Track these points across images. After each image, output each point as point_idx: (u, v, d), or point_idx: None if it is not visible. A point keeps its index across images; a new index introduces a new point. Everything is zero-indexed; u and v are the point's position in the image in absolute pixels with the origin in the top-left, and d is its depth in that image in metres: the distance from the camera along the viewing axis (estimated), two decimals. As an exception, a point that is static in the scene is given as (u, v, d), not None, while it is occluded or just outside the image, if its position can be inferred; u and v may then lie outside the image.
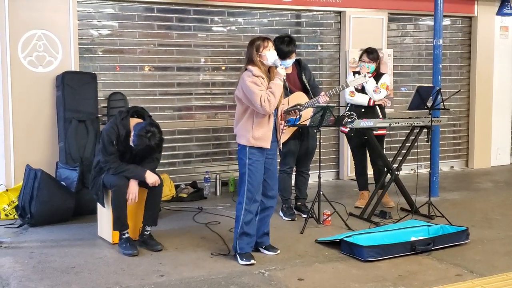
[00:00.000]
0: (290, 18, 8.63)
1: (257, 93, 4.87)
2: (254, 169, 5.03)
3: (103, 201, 5.57)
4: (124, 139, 5.40)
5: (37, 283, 4.56)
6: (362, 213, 6.56)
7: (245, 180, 5.05)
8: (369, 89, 6.85)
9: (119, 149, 5.42)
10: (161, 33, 7.79)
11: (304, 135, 6.54)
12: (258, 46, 5.04)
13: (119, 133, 5.40)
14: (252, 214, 5.09)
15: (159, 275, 4.74)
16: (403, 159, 6.80)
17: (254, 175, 5.04)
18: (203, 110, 8.15)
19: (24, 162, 6.61)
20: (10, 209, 6.46)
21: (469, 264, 5.05)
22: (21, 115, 6.80)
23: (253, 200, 5.05)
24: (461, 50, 10.05)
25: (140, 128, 5.27)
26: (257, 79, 4.93)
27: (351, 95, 6.89)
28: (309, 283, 4.60)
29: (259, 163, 5.05)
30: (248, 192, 5.04)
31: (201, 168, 8.13)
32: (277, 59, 5.01)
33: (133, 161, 5.49)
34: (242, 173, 5.10)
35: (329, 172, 8.99)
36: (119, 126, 5.42)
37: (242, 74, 5.05)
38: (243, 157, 5.06)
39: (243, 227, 5.05)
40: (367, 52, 6.88)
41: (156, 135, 5.29)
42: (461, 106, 10.12)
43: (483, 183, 8.84)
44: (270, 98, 4.88)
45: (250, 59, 5.06)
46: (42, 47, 6.89)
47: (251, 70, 4.97)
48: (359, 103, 6.91)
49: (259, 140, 4.99)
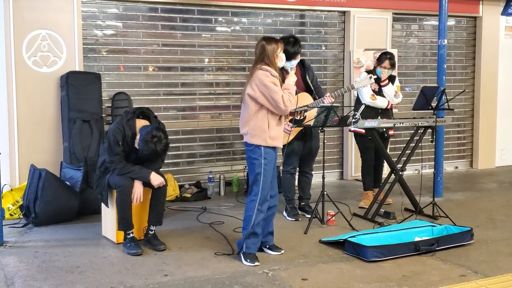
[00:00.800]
0: (294, 18, 8.63)
1: (279, 93, 4.92)
2: (269, 168, 5.06)
3: (107, 201, 5.58)
4: (130, 140, 5.41)
5: (41, 282, 4.57)
6: (366, 214, 6.56)
7: (260, 180, 5.02)
8: (390, 94, 6.95)
9: (124, 149, 5.43)
10: (165, 33, 7.80)
11: (307, 135, 6.53)
12: (275, 47, 5.06)
13: (125, 133, 5.40)
14: (263, 213, 5.09)
15: (163, 275, 4.75)
16: (407, 159, 6.80)
17: (269, 175, 5.06)
18: (207, 110, 8.15)
19: (28, 161, 6.62)
20: (15, 209, 6.47)
21: (473, 265, 5.04)
22: (25, 115, 6.82)
23: (266, 199, 5.07)
24: (466, 50, 10.03)
25: (146, 133, 5.26)
26: (276, 80, 4.97)
27: (373, 98, 6.91)
28: (313, 283, 4.60)
29: (272, 162, 5.09)
30: (263, 191, 5.03)
31: (205, 168, 8.14)
32: (287, 62, 5.08)
33: (138, 161, 5.50)
34: (257, 173, 5.04)
35: (333, 172, 8.98)
36: (125, 127, 5.42)
37: (256, 72, 5.00)
38: (258, 157, 5.01)
39: (254, 227, 5.04)
40: (389, 59, 6.91)
41: (162, 141, 5.28)
42: (465, 106, 10.11)
43: (488, 184, 8.82)
44: (291, 98, 4.99)
45: (264, 58, 5.04)
46: (47, 47, 6.91)
47: (269, 70, 4.96)
48: (379, 106, 6.97)
49: (275, 139, 5.03)
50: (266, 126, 4.98)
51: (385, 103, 6.98)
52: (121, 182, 5.34)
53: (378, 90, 6.95)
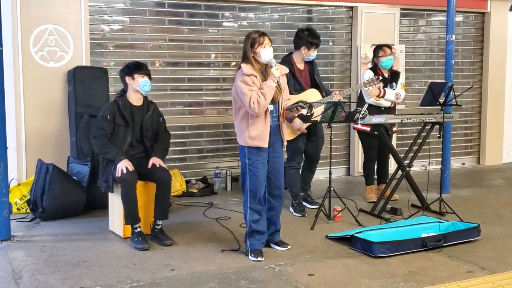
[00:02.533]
0: (301, 13, 8.60)
1: (246, 94, 4.75)
2: (255, 168, 4.96)
3: (113, 189, 5.62)
4: (123, 109, 5.53)
5: (48, 276, 4.59)
6: (373, 209, 6.54)
7: (246, 180, 5.01)
8: (391, 97, 6.99)
9: (124, 119, 5.51)
10: (172, 29, 7.80)
11: (312, 133, 6.52)
12: (253, 42, 4.90)
13: (115, 106, 5.52)
14: (259, 212, 5.04)
15: (170, 270, 4.76)
16: (414, 155, 6.78)
17: (255, 175, 4.96)
18: (214, 106, 8.15)
19: (35, 156, 6.65)
20: (22, 203, 6.50)
21: (480, 261, 5.03)
22: (32, 110, 6.84)
23: (257, 198, 4.99)
24: (474, 46, 9.99)
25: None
26: (248, 78, 4.82)
27: (376, 99, 6.93)
28: (320, 279, 4.59)
29: (259, 162, 4.97)
30: (251, 191, 5.00)
31: (211, 163, 8.14)
32: (272, 59, 4.87)
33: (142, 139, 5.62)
34: (243, 173, 5.07)
35: (339, 168, 8.96)
36: (117, 100, 5.59)
37: (236, 72, 4.97)
38: (243, 157, 5.02)
39: (251, 226, 5.03)
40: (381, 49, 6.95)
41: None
42: (473, 102, 10.07)
43: (495, 180, 8.79)
44: (260, 99, 4.74)
45: (245, 55, 4.96)
46: (54, 42, 6.92)
47: (243, 68, 4.87)
48: (383, 105, 6.98)
49: (255, 139, 4.90)
50: (246, 126, 4.89)
51: (388, 103, 7.02)
52: (124, 176, 5.35)
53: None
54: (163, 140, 5.80)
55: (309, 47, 6.35)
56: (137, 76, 5.56)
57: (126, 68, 5.66)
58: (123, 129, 5.56)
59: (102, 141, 5.48)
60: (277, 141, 5.09)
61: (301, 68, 6.47)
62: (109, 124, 5.49)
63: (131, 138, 5.59)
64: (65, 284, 4.42)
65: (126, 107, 5.56)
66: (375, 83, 6.50)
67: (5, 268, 4.77)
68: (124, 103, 5.57)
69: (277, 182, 5.16)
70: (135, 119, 5.59)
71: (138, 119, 5.60)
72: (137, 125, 5.60)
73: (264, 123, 4.91)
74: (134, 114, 5.59)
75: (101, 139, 5.49)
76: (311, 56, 6.42)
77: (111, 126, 5.50)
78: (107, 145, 5.48)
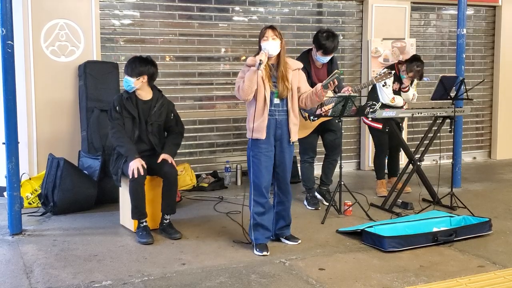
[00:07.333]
0: (311, 7, 8.57)
1: (236, 81, 4.96)
2: (257, 161, 4.98)
3: (121, 183, 5.65)
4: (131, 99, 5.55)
5: (60, 270, 4.61)
6: (384, 204, 6.53)
7: (250, 172, 5.05)
8: (409, 98, 7.01)
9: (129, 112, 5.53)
10: (182, 23, 7.80)
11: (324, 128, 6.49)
12: (260, 35, 4.98)
13: (121, 97, 5.56)
14: (262, 205, 5.05)
15: (180, 264, 4.77)
16: (425, 149, 6.75)
17: (257, 167, 4.98)
18: (224, 100, 8.15)
19: (47, 151, 6.68)
20: (33, 198, 6.53)
21: (491, 255, 5.00)
22: (44, 104, 6.87)
23: (260, 191, 5.01)
24: (485, 39, 9.93)
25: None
26: (245, 68, 4.94)
27: (392, 101, 6.94)
28: (330, 273, 4.59)
29: (261, 154, 4.97)
30: (254, 183, 5.03)
31: (222, 157, 8.15)
32: (265, 48, 4.84)
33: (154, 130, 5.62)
34: (248, 165, 5.09)
35: (350, 163, 8.95)
36: (123, 93, 5.62)
37: None
38: (248, 149, 5.06)
39: (255, 218, 5.05)
40: (417, 71, 6.90)
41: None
42: (484, 96, 10.02)
43: (506, 174, 8.75)
44: (241, 84, 4.86)
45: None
46: (65, 37, 6.94)
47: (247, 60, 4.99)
48: (396, 105, 6.98)
49: (255, 131, 4.93)
50: (251, 117, 4.95)
51: (401, 103, 7.03)
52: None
53: (398, 90, 6.96)
54: (174, 135, 5.79)
55: (317, 49, 6.28)
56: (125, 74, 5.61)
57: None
58: (130, 121, 5.55)
59: (120, 133, 5.50)
60: (285, 136, 5.08)
61: (319, 67, 6.42)
62: (119, 115, 5.52)
63: (139, 132, 5.60)
64: (76, 278, 4.44)
65: (131, 101, 5.55)
66: (387, 77, 6.45)
67: (17, 262, 4.79)
68: (130, 96, 5.57)
69: (285, 176, 5.18)
70: (141, 113, 5.59)
71: (144, 113, 5.60)
72: (143, 120, 5.60)
73: (262, 115, 4.93)
74: (140, 108, 5.58)
75: (119, 130, 5.50)
76: (318, 58, 6.33)
77: (121, 117, 5.53)
78: (124, 138, 5.48)
